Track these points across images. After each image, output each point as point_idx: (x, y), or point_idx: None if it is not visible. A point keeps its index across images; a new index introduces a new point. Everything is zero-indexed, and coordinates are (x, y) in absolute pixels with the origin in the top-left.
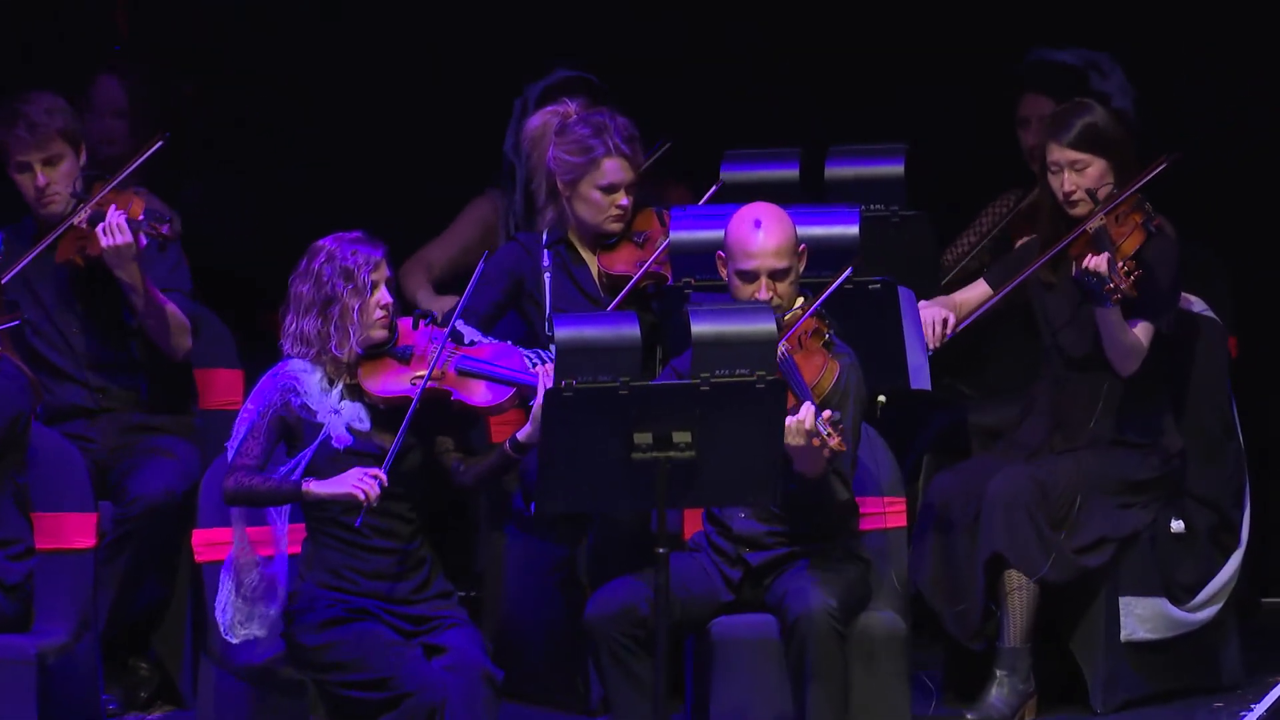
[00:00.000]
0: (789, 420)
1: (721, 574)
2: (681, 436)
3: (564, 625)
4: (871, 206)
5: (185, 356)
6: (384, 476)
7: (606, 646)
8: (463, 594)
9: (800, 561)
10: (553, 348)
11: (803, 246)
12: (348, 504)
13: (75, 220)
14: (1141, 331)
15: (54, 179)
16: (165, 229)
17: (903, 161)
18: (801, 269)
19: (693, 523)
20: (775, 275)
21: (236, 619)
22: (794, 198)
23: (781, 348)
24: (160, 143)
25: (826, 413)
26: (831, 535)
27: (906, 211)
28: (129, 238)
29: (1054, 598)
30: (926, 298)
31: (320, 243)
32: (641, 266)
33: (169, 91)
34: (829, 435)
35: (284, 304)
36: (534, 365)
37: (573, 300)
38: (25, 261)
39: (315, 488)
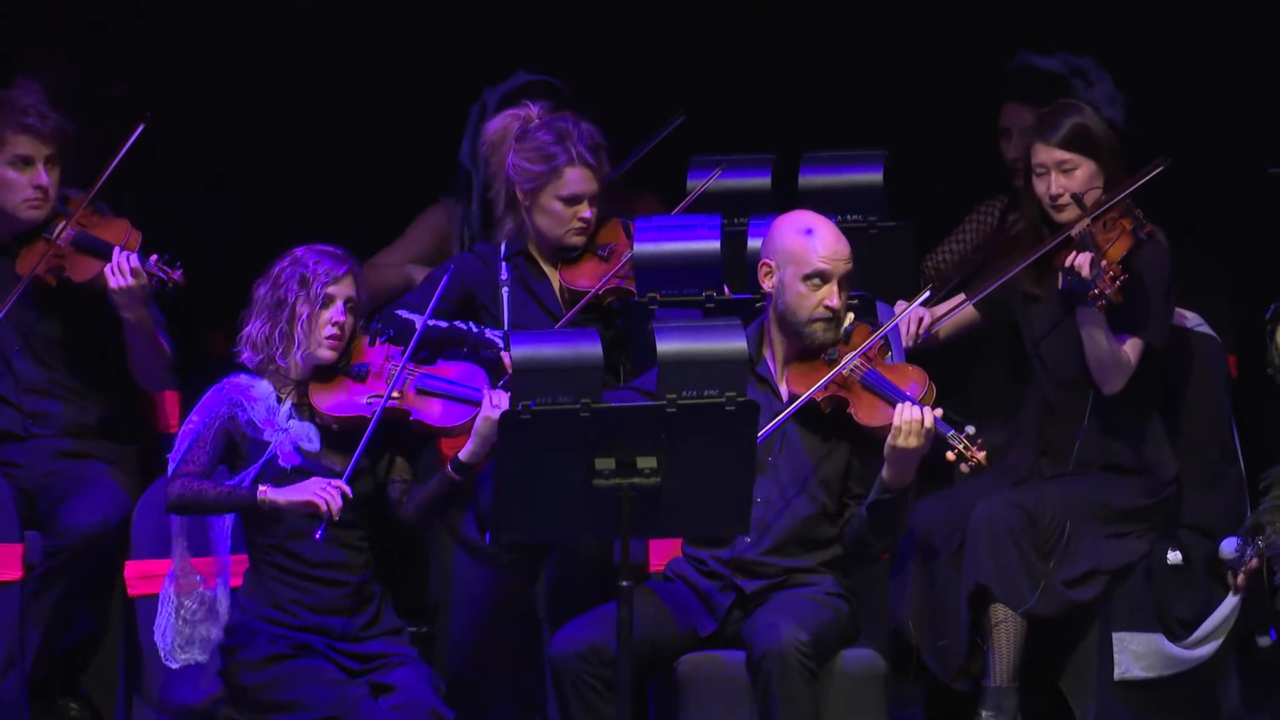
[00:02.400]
0: (903, 416)
1: (708, 601)
2: (646, 462)
3: (521, 662)
4: (848, 217)
5: (163, 387)
6: (346, 488)
7: (573, 687)
8: (413, 629)
9: (783, 592)
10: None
11: None
12: (307, 515)
13: (56, 235)
14: (1130, 347)
15: (54, 181)
16: (179, 275)
17: (881, 169)
18: None
19: (658, 552)
20: (843, 280)
21: (177, 643)
22: (766, 207)
23: (860, 363)
24: (142, 126)
25: (969, 428)
26: (884, 548)
27: (885, 222)
28: (142, 279)
29: (1043, 633)
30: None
31: (295, 248)
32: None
33: (96, 94)
34: (966, 449)
35: (247, 306)
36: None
37: (532, 316)
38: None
39: (273, 494)
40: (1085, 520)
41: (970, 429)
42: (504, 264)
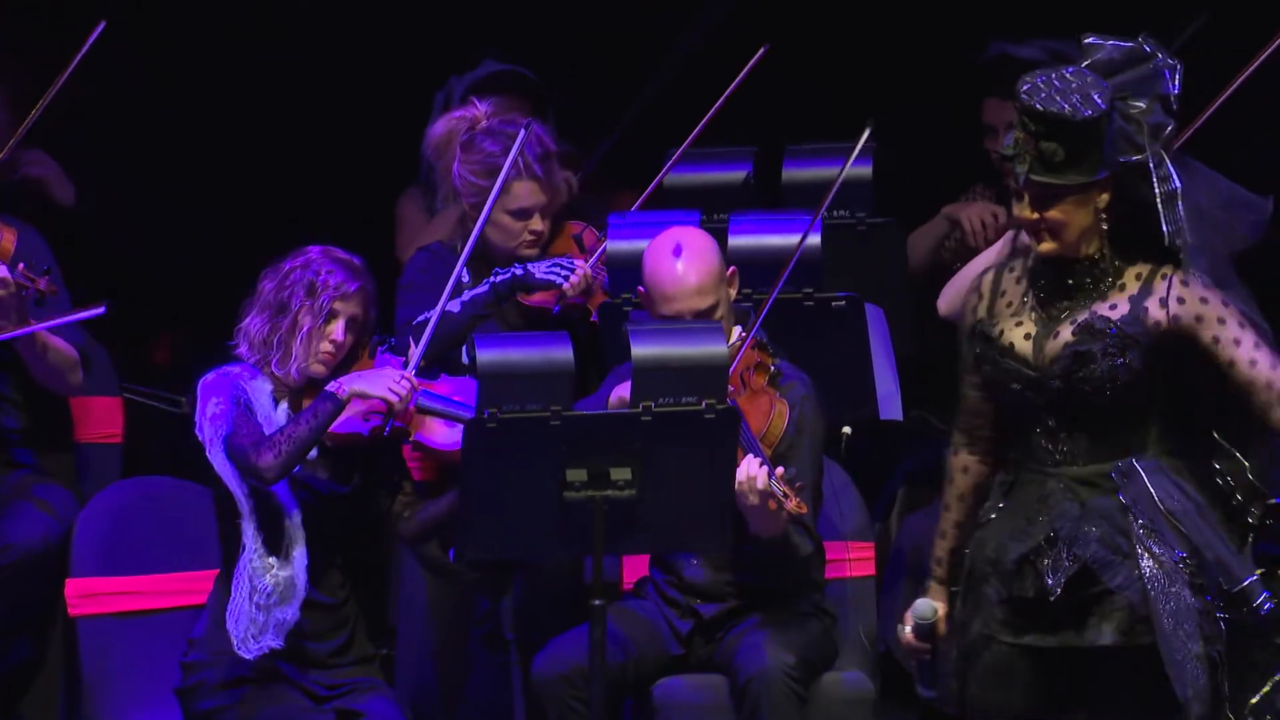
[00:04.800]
0: (739, 475)
1: (670, 626)
2: (620, 473)
3: (488, 686)
4: (835, 213)
5: (78, 390)
6: (415, 380)
7: (555, 710)
8: (376, 651)
9: (755, 615)
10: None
11: (731, 270)
12: (377, 408)
13: None
14: None
15: None
16: (43, 283)
17: (870, 162)
18: (733, 295)
19: (632, 570)
20: (700, 317)
21: (250, 631)
22: (746, 202)
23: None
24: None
25: (780, 469)
26: (795, 587)
27: (874, 219)
28: (10, 289)
29: None
30: (896, 315)
31: (309, 247)
32: (560, 297)
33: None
34: (785, 496)
35: (250, 295)
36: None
37: (491, 326)
38: None
39: (348, 384)
40: None
41: (782, 470)
42: (464, 268)
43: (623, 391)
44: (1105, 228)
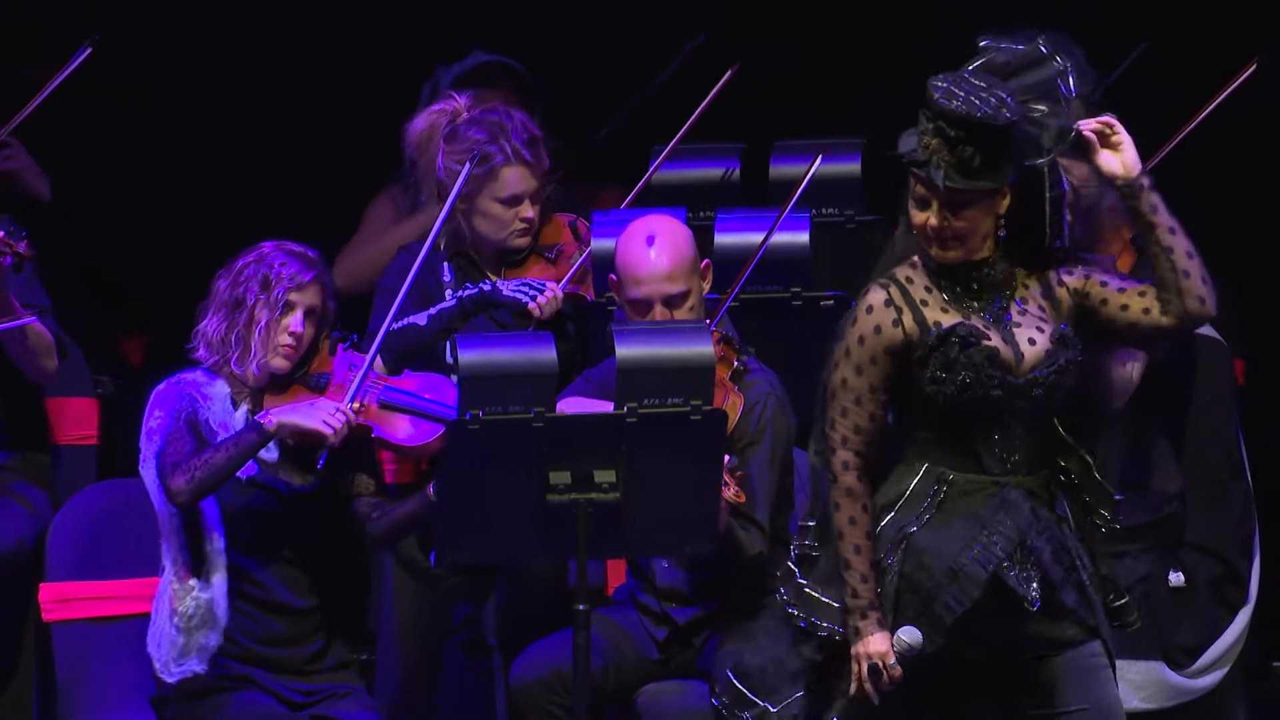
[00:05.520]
0: None
1: (647, 633)
2: (604, 476)
3: (469, 692)
4: (823, 210)
5: (51, 378)
6: (351, 413)
7: (535, 716)
8: (354, 656)
9: (732, 620)
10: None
11: (705, 262)
12: (312, 442)
13: None
14: (1131, 361)
15: None
16: (23, 246)
17: (860, 159)
18: (706, 288)
19: (617, 574)
20: (670, 302)
21: (173, 654)
22: (734, 200)
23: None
24: (87, 50)
25: (725, 458)
26: (764, 588)
27: (864, 216)
28: None
29: None
30: None
31: (263, 243)
32: (528, 317)
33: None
34: (724, 485)
35: (206, 297)
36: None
37: (477, 325)
38: None
39: (277, 415)
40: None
41: (728, 459)
42: (445, 265)
43: (566, 408)
44: (1002, 233)
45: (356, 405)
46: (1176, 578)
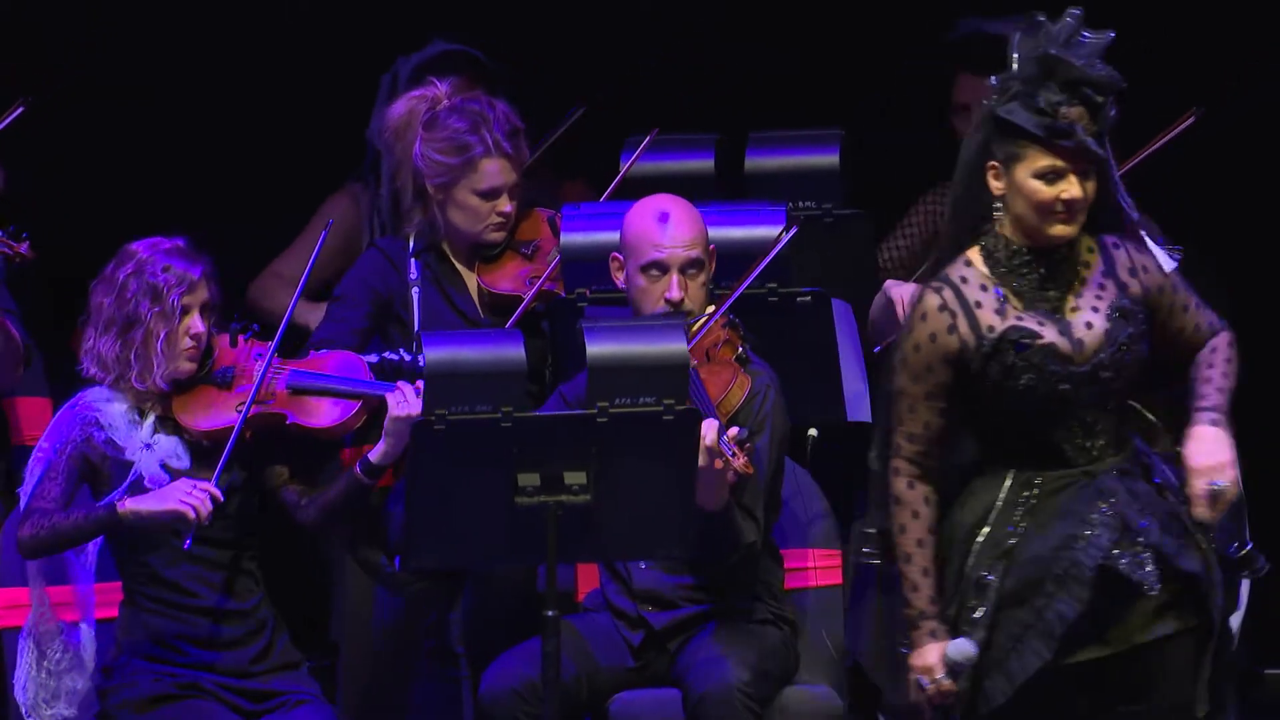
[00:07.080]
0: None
1: (622, 638)
2: (575, 477)
3: (436, 700)
4: (801, 204)
5: (16, 382)
6: (215, 490)
7: None
8: (315, 664)
9: (710, 625)
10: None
11: (712, 247)
12: (174, 525)
13: None
14: None
15: None
16: (24, 247)
17: (838, 150)
18: (711, 272)
19: (588, 578)
20: (687, 269)
21: (40, 696)
22: (709, 193)
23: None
24: (20, 108)
25: (733, 430)
26: (749, 591)
27: (842, 210)
28: None
29: None
30: (865, 311)
31: (132, 246)
32: (530, 283)
33: None
34: (734, 455)
35: (84, 314)
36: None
37: (446, 322)
38: None
39: (133, 504)
40: None
41: (736, 430)
42: (413, 261)
43: None
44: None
45: (265, 392)
46: None
